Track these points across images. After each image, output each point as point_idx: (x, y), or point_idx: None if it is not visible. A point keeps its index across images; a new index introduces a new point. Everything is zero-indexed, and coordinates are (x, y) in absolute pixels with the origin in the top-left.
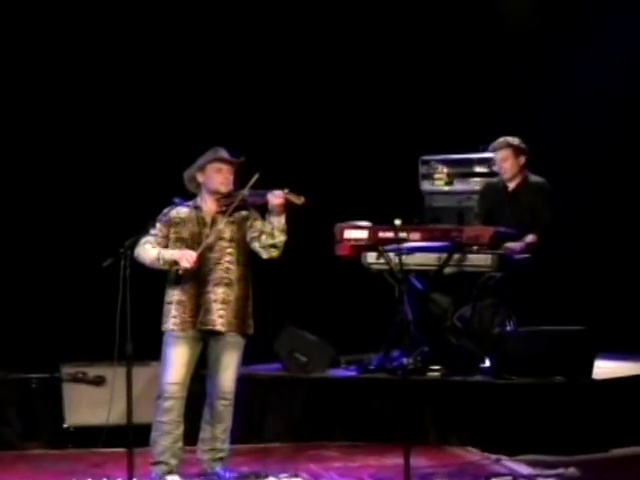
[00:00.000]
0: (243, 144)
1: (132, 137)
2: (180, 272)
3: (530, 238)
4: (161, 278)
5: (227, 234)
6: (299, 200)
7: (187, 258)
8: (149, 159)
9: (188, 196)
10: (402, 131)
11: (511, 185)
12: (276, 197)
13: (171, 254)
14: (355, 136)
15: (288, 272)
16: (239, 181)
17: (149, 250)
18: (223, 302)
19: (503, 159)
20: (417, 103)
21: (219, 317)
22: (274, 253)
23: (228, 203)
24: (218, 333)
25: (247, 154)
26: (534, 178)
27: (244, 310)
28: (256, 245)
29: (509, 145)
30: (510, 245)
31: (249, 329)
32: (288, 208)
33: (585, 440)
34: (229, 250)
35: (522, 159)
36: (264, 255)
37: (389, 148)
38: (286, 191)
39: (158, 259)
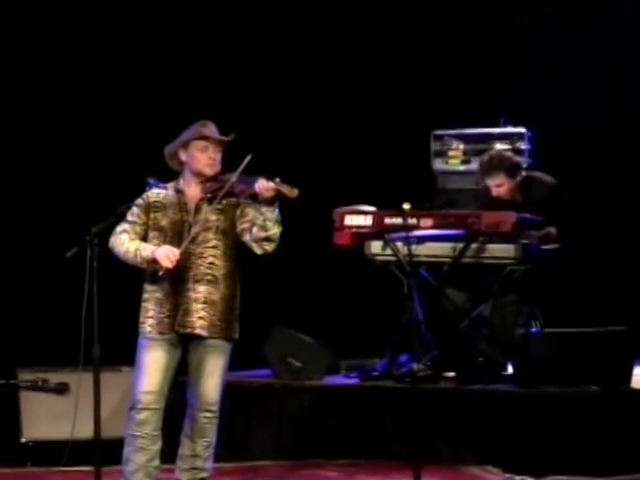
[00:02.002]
0: (230, 117)
1: (96, 109)
2: (161, 274)
3: (550, 229)
4: (136, 269)
5: (213, 224)
6: (292, 193)
7: (169, 256)
8: (117, 134)
9: (167, 176)
10: (411, 102)
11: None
12: (266, 189)
13: (150, 252)
14: (357, 108)
15: (279, 265)
16: (227, 161)
17: (126, 243)
18: (205, 302)
19: (497, 185)
20: (429, 70)
21: (199, 319)
22: (268, 247)
23: (215, 188)
24: (198, 337)
25: (236, 130)
26: (541, 181)
27: (230, 312)
28: (247, 238)
29: (501, 169)
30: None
31: (234, 334)
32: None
33: (623, 459)
34: (214, 242)
35: (518, 177)
36: (257, 250)
37: (396, 121)
38: (277, 181)
39: (135, 256)
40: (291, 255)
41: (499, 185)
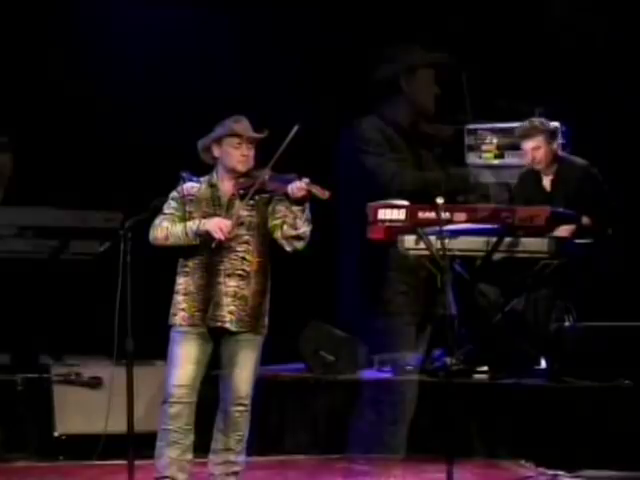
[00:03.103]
0: (262, 113)
1: (126, 103)
2: (214, 246)
3: (584, 221)
4: (169, 263)
5: (245, 219)
6: (324, 195)
7: (221, 228)
8: (148, 128)
9: (200, 170)
10: (443, 95)
11: (546, 177)
12: (298, 190)
13: (202, 224)
14: None
15: (312, 259)
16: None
17: (169, 227)
18: (235, 296)
19: (535, 148)
20: (462, 64)
21: (229, 313)
22: (298, 245)
23: (247, 185)
24: (228, 331)
25: (267, 125)
26: (574, 162)
27: (259, 307)
28: (278, 235)
29: (541, 131)
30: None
31: (263, 329)
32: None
33: None
34: (246, 238)
35: (555, 145)
36: (287, 247)
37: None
38: (307, 181)
39: (186, 234)
40: (327, 249)
41: (537, 148)
